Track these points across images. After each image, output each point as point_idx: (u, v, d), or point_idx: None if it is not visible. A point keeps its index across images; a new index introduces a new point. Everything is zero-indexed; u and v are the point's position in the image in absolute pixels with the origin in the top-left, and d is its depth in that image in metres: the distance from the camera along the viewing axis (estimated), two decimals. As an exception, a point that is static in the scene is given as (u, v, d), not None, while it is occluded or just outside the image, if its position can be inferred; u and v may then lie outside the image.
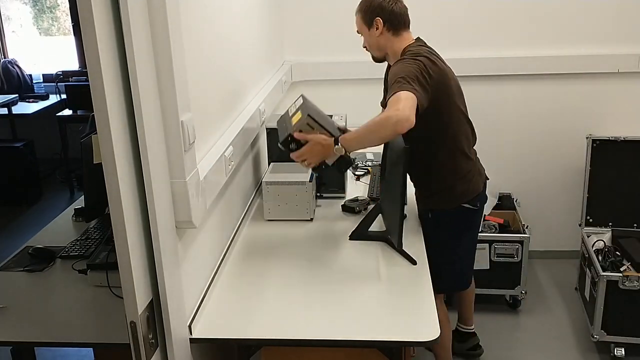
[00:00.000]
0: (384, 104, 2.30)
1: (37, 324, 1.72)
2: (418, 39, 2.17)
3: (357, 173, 2.73)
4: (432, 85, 1.94)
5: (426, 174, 2.18)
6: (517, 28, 3.29)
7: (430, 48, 2.13)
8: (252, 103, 2.41)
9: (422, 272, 1.86)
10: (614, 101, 3.35)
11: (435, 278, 1.85)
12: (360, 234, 2.10)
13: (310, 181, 2.22)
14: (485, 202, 2.30)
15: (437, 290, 1.83)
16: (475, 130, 2.25)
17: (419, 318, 1.61)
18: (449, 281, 2.30)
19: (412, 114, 1.78)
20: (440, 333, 1.71)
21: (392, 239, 2.00)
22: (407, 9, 2.16)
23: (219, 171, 1.78)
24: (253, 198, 2.46)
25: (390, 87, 1.90)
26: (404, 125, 1.76)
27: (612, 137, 3.11)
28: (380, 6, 2.10)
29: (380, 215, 2.16)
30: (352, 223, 2.15)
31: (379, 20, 2.10)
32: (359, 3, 2.18)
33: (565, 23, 3.25)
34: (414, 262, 1.91)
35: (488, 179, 2.29)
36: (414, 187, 2.28)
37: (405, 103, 1.79)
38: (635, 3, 3.19)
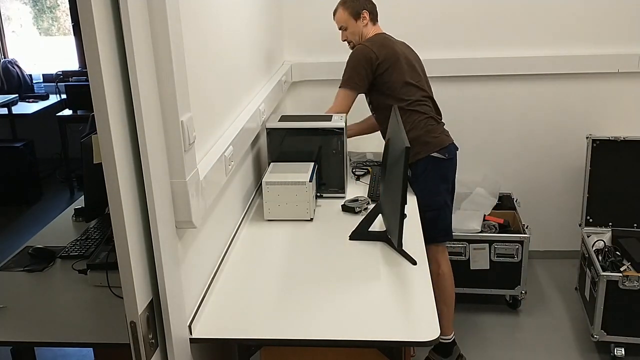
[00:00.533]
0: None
1: (37, 324, 1.72)
2: (383, 33, 2.64)
3: (357, 173, 2.73)
4: (375, 70, 2.49)
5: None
6: (517, 28, 3.29)
7: (385, 37, 2.61)
8: (252, 103, 2.41)
9: (422, 272, 1.86)
10: (614, 101, 3.35)
11: (428, 230, 2.20)
12: (360, 234, 2.10)
13: (310, 181, 2.22)
14: (454, 158, 2.56)
15: (432, 240, 2.38)
16: (440, 108, 2.64)
17: (419, 318, 1.61)
18: (440, 230, 2.55)
19: (338, 110, 2.55)
20: (442, 286, 2.56)
21: (392, 239, 1.99)
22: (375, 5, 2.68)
23: (219, 171, 1.78)
24: (253, 198, 2.46)
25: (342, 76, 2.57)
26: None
27: (612, 137, 3.11)
28: (365, 1, 2.62)
29: (380, 215, 2.16)
30: (352, 223, 2.15)
31: (366, 12, 2.60)
32: (341, 2, 2.64)
33: (566, 23, 3.25)
34: (414, 262, 1.91)
35: (453, 142, 2.58)
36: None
37: (337, 105, 2.57)
38: (635, 3, 3.19)
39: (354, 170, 2.76)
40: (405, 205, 1.84)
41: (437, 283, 2.53)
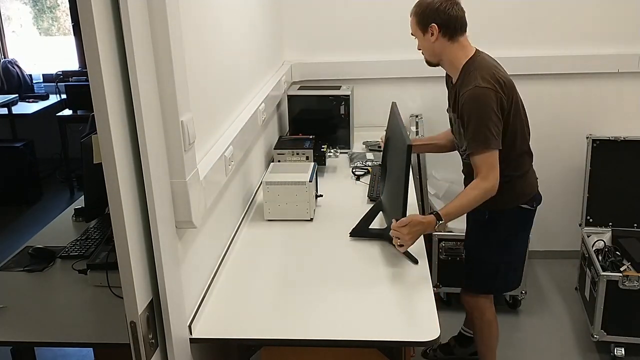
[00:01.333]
0: (452, 131, 2.27)
1: (37, 324, 1.72)
2: (477, 51, 2.11)
3: (357, 173, 2.73)
4: (505, 114, 1.99)
5: None
6: (517, 28, 3.28)
7: (491, 60, 2.09)
8: (252, 103, 2.41)
9: (423, 272, 1.86)
10: (614, 101, 3.35)
11: (488, 279, 2.12)
12: (360, 231, 2.10)
13: (310, 181, 2.22)
14: (540, 202, 2.22)
15: (489, 291, 2.24)
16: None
17: (419, 318, 1.61)
18: (505, 280, 2.34)
19: (497, 178, 1.94)
20: (489, 333, 2.33)
21: (392, 239, 1.99)
22: (464, 12, 2.05)
23: (219, 171, 1.78)
24: (253, 198, 2.46)
25: (468, 129, 1.96)
26: (494, 193, 1.95)
27: (612, 137, 3.11)
28: (436, 11, 2.00)
29: (381, 213, 2.16)
30: (352, 223, 2.15)
31: (434, 26, 2.01)
32: (414, 4, 2.08)
33: (566, 23, 3.25)
34: (415, 262, 1.90)
35: (537, 178, 2.26)
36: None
37: (492, 171, 1.94)
38: (636, 3, 3.19)
39: (354, 170, 2.76)
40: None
41: (481, 329, 2.40)
